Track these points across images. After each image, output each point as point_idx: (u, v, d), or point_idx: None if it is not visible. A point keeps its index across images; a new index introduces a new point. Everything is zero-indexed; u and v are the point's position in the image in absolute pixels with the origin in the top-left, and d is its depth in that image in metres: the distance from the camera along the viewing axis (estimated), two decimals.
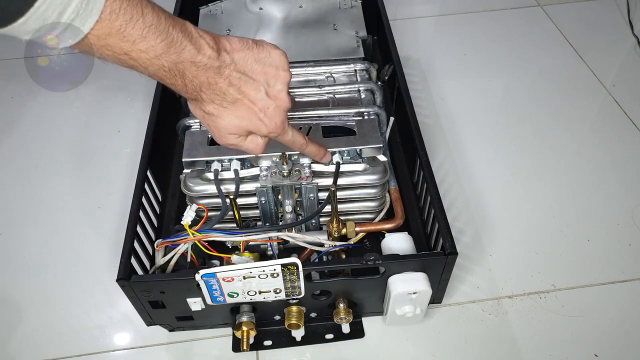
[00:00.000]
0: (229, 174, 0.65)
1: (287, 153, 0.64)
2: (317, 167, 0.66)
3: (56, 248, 0.79)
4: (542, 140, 0.92)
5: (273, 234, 0.62)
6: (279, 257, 0.59)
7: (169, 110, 0.80)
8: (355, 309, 0.65)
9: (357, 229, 0.67)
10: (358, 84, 0.75)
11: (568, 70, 1.06)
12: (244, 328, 0.61)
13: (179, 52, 0.44)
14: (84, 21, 0.38)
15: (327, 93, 0.75)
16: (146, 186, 0.68)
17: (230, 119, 0.50)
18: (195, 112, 0.52)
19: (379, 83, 0.78)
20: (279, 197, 0.67)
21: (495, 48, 1.12)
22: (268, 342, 0.66)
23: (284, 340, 0.66)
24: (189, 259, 0.61)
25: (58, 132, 0.96)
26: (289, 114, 0.56)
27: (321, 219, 0.72)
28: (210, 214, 0.65)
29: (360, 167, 0.67)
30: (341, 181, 0.66)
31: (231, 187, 0.64)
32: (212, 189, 0.65)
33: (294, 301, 0.62)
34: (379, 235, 0.69)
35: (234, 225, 0.67)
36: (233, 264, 0.58)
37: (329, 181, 0.65)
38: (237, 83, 0.48)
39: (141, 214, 0.65)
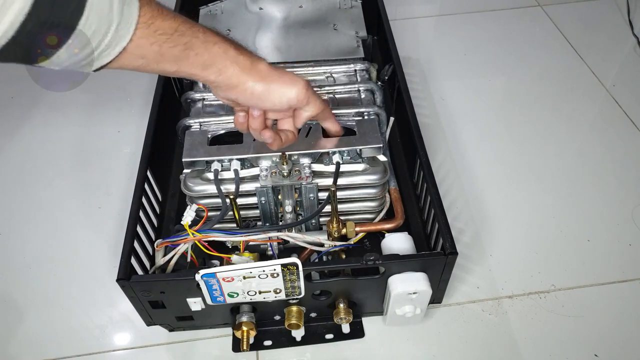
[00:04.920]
0: (229, 174, 0.65)
1: (287, 153, 0.64)
2: (317, 167, 0.66)
3: (56, 248, 0.79)
4: (542, 140, 0.92)
5: (273, 234, 0.62)
6: (279, 257, 0.59)
7: (169, 110, 0.80)
8: (355, 309, 0.65)
9: (357, 229, 0.67)
10: (358, 84, 0.75)
11: (568, 70, 1.06)
12: (244, 328, 0.61)
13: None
14: (111, 52, 0.40)
15: (327, 93, 0.75)
16: (146, 186, 0.68)
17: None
18: None
19: (379, 83, 0.78)
20: (279, 197, 0.67)
21: (495, 48, 1.12)
22: (268, 342, 0.66)
23: (284, 340, 0.66)
24: (189, 259, 0.61)
25: (58, 132, 0.96)
26: None
27: (321, 219, 0.72)
28: (210, 214, 0.65)
29: (360, 167, 0.67)
30: (341, 181, 0.66)
31: (231, 187, 0.64)
32: (212, 189, 0.65)
33: (294, 301, 0.62)
34: (379, 235, 0.69)
35: (234, 225, 0.67)
36: (233, 264, 0.58)
37: (329, 181, 0.65)
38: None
39: (141, 214, 0.65)
